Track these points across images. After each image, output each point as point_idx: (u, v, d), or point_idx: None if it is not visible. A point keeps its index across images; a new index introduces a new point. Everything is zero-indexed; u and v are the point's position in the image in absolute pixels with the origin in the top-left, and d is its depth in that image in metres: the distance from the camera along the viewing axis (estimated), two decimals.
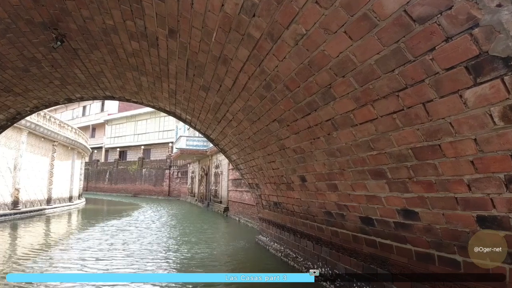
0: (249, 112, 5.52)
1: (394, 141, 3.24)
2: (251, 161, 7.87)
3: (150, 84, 7.28)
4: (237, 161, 9.16)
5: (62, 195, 20.91)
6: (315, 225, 6.19)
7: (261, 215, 9.92)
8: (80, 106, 53.20)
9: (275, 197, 7.81)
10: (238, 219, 16.18)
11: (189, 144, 23.44)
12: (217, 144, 9.50)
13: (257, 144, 6.50)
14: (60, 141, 19.62)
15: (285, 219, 7.85)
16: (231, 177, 18.16)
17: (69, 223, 15.57)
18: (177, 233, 11.89)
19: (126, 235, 10.83)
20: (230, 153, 9.10)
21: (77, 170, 24.23)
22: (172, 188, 37.50)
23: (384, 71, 2.83)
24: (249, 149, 7.26)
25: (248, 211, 14.66)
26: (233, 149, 8.40)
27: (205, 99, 6.44)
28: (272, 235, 8.83)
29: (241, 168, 9.34)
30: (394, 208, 3.81)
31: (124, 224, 13.39)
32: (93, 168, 46.50)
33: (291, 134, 4.96)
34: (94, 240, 10.06)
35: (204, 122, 8.21)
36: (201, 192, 26.65)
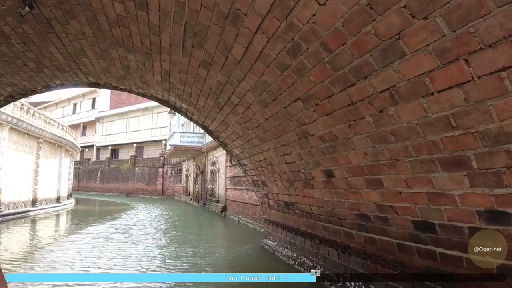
0: (263, 92, 4.44)
1: (494, 114, 2.19)
2: (258, 154, 6.79)
3: (139, 65, 6.17)
4: (240, 155, 8.08)
5: (49, 196, 19.66)
6: (341, 230, 5.13)
7: (267, 216, 8.86)
8: (70, 103, 51.80)
9: (287, 196, 6.75)
10: (237, 220, 15.09)
11: (184, 141, 22.28)
12: (217, 137, 8.41)
13: (269, 133, 5.42)
14: (45, 138, 18.34)
15: (298, 222, 6.79)
16: (229, 175, 17.06)
17: (52, 228, 14.18)
18: (173, 240, 10.56)
19: (112, 246, 9.10)
20: (232, 147, 8.02)
21: (65, 169, 22.96)
22: (166, 187, 36.26)
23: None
24: (257, 140, 6.18)
25: (249, 211, 13.58)
26: (237, 141, 7.32)
27: (205, 80, 5.35)
28: (281, 240, 7.77)
29: (245, 164, 8.26)
30: (474, 209, 2.77)
31: (112, 230, 11.94)
32: (84, 167, 45.06)
33: (319, 117, 3.89)
34: (71, 253, 8.21)
35: (202, 110, 7.11)
36: (196, 191, 25.52)
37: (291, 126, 4.56)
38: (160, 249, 8.96)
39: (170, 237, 11.07)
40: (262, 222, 11.62)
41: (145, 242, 9.82)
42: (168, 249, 9.07)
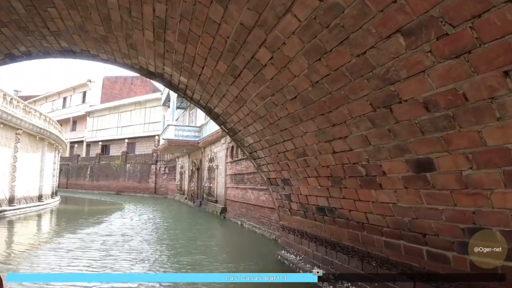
0: (321, 31, 2.70)
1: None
2: (284, 142, 5.06)
3: (124, 14, 4.39)
4: (253, 146, 6.34)
5: (29, 194, 17.72)
6: (423, 250, 3.41)
7: (286, 223, 7.13)
8: (60, 97, 49.90)
9: (324, 200, 5.02)
10: (240, 223, 13.27)
11: (179, 135, 20.43)
12: (224, 123, 6.66)
13: (314, 107, 3.67)
14: (25, 129, 16.41)
15: (339, 234, 5.06)
16: (230, 172, 15.29)
17: (24, 232, 11.95)
18: (165, 253, 8.66)
19: (88, 261, 6.99)
20: (244, 134, 6.27)
21: (49, 164, 21.00)
22: (159, 185, 34.31)
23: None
24: (288, 121, 4.44)
25: (255, 214, 11.82)
26: (253, 126, 5.58)
27: (219, 27, 3.59)
28: (308, 254, 6.05)
29: (259, 157, 6.52)
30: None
31: (92, 237, 9.95)
32: (73, 163, 42.99)
33: (437, 61, 2.17)
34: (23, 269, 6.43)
35: (208, 84, 5.36)
36: (191, 189, 23.70)
37: (365, 88, 2.82)
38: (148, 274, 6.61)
39: (161, 251, 8.77)
40: (275, 228, 9.93)
41: (127, 260, 7.39)
42: (160, 268, 7.14)
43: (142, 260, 7.45)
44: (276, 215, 10.03)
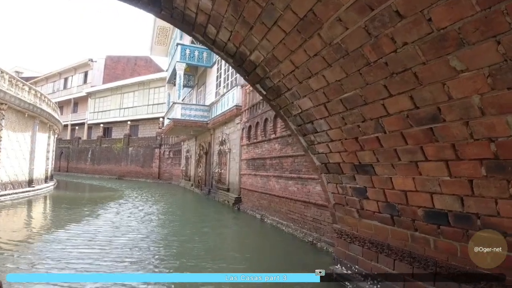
0: None
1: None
2: (386, 100, 2.88)
3: None
4: (312, 112, 4.11)
5: (17, 178, 15.70)
6: None
7: (347, 227, 4.97)
8: (61, 78, 47.96)
9: (451, 199, 2.85)
10: (259, 217, 11.06)
11: (186, 114, 18.20)
12: (264, 78, 4.47)
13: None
14: (10, 103, 14.28)
15: (478, 258, 2.90)
16: (246, 156, 13.12)
17: (3, 225, 10.17)
18: (167, 259, 6.72)
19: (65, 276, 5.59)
20: (298, 95, 4.07)
21: (41, 145, 18.94)
22: (163, 170, 32.22)
23: None
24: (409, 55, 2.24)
25: (281, 207, 9.66)
26: (320, 77, 3.38)
27: None
28: (391, 279, 3.92)
29: (317, 131, 4.32)
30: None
31: (81, 239, 7.69)
32: (74, 146, 41.06)
33: None
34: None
35: (247, 5, 3.17)
36: (198, 175, 21.59)
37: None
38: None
39: (164, 259, 6.66)
40: (311, 228, 7.82)
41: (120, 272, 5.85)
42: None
43: (138, 264, 5.83)
44: (313, 212, 7.89)
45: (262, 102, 11.53)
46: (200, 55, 19.45)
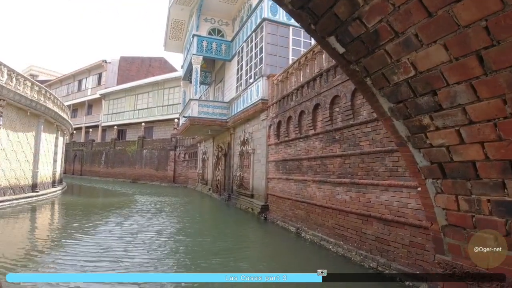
0: None
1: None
2: None
3: None
4: (441, 74, 2.22)
5: (19, 182, 14.21)
6: None
7: (466, 261, 3.04)
8: (75, 80, 47.26)
9: None
10: (295, 230, 9.01)
11: (203, 112, 16.46)
12: (344, 23, 2.56)
13: None
14: (9, 99, 12.77)
15: None
16: (274, 157, 11.25)
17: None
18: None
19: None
20: (418, 42, 2.17)
21: (47, 146, 17.50)
22: (178, 173, 30.62)
23: None
24: None
25: (325, 221, 7.65)
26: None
27: None
28: None
29: (441, 108, 2.40)
30: None
31: (74, 259, 6.28)
32: (88, 149, 39.99)
33: None
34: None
35: None
36: (217, 179, 19.82)
37: None
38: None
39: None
40: (373, 249, 5.89)
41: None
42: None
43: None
44: (376, 228, 5.95)
45: (295, 92, 9.65)
46: (218, 47, 17.72)
